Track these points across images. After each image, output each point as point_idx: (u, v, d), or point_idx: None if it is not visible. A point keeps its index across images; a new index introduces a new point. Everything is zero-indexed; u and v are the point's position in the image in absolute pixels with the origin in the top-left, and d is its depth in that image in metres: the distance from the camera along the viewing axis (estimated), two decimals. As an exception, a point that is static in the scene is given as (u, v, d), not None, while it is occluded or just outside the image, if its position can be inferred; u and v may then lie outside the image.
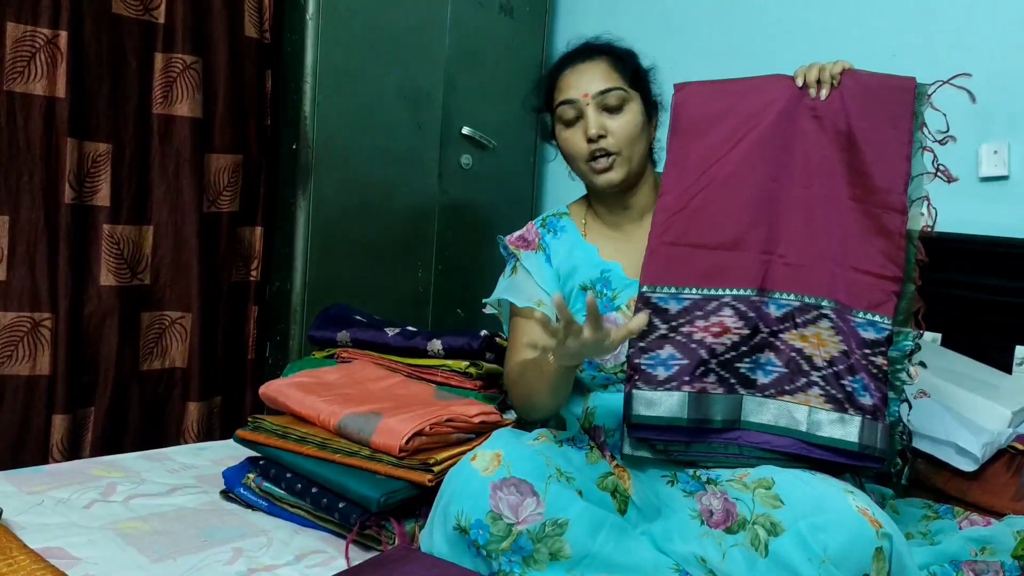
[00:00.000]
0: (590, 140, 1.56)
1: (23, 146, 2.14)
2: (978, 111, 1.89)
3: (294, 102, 2.52)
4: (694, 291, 1.48)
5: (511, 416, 1.77)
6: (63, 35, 2.14)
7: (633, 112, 1.58)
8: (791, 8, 2.55)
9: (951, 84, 1.48)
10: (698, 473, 1.44)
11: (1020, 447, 1.75)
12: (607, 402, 1.57)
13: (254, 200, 2.57)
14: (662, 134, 1.62)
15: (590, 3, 3.08)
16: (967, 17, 2.20)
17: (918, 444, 1.53)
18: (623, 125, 1.57)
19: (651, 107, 1.64)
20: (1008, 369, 2.00)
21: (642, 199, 1.64)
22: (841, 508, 1.25)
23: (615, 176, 1.58)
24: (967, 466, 1.71)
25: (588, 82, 1.57)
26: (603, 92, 1.56)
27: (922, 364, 1.51)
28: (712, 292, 1.48)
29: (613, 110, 1.57)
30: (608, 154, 1.56)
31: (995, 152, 2.13)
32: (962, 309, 2.05)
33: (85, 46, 2.20)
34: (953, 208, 1.58)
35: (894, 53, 2.24)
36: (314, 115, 2.50)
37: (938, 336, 2.06)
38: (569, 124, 1.59)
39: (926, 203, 1.47)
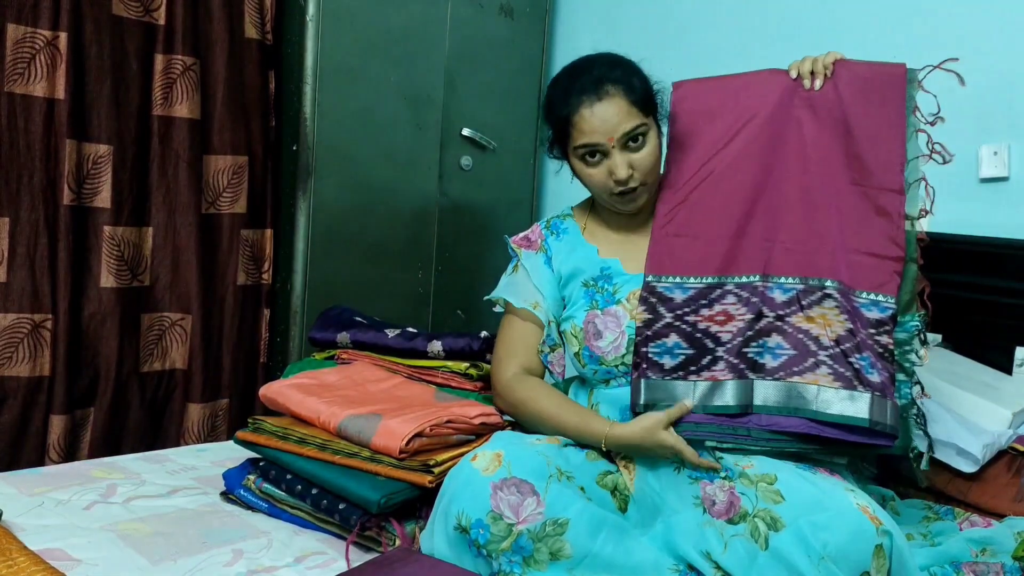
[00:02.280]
0: (617, 181, 1.54)
1: (23, 147, 2.14)
2: (978, 112, 1.90)
3: (294, 103, 2.52)
4: (698, 280, 1.52)
5: (511, 417, 1.77)
6: (63, 36, 2.14)
7: (653, 142, 1.55)
8: (791, 9, 2.55)
9: (942, 68, 1.50)
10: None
11: (1020, 448, 1.75)
12: (610, 397, 1.58)
13: (262, 202, 2.56)
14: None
15: (590, 5, 3.08)
16: (967, 19, 2.20)
17: (918, 446, 1.54)
18: (646, 157, 1.54)
19: (662, 122, 1.63)
20: (1008, 370, 1.99)
21: (647, 206, 1.65)
22: (842, 505, 1.26)
23: (640, 202, 1.59)
24: (967, 467, 1.71)
25: (613, 125, 1.51)
26: (627, 133, 1.52)
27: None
28: (715, 280, 1.52)
29: (636, 147, 1.53)
30: (635, 187, 1.56)
31: (995, 153, 2.13)
32: (962, 310, 2.05)
33: (85, 47, 2.20)
34: (953, 209, 1.59)
35: (894, 56, 2.23)
36: (314, 116, 2.50)
37: (938, 337, 2.06)
38: (592, 164, 1.55)
39: (923, 184, 1.50)
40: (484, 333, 1.90)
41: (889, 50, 2.27)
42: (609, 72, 1.54)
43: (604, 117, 1.51)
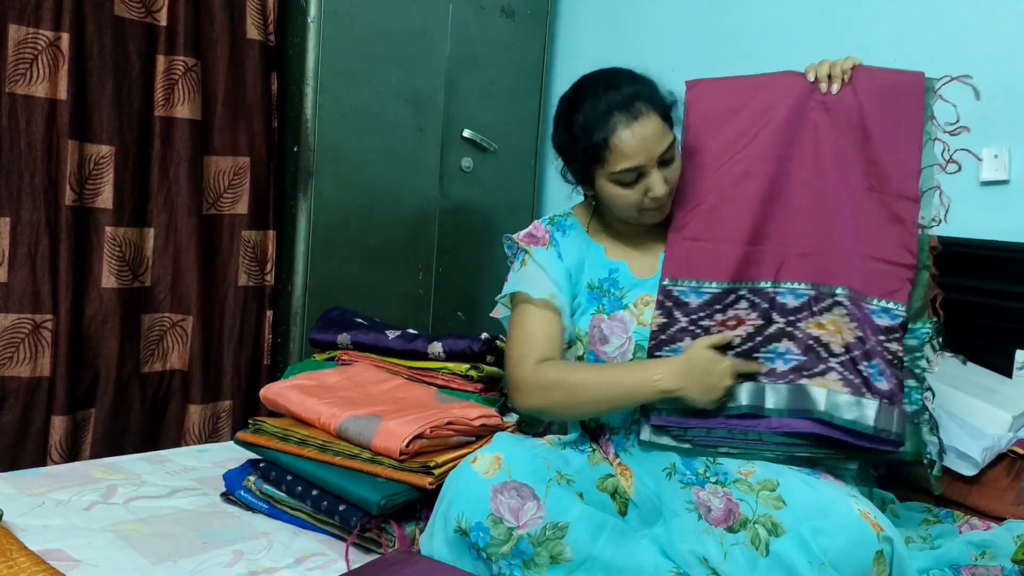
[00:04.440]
0: (654, 199, 1.51)
1: (25, 148, 2.14)
2: (979, 115, 1.89)
3: (295, 104, 2.52)
4: (714, 285, 1.52)
5: (511, 419, 1.77)
6: (65, 37, 2.14)
7: (678, 156, 1.54)
8: (793, 12, 2.55)
9: (960, 80, 1.51)
10: (707, 472, 1.44)
11: (1020, 451, 1.75)
12: None
13: (265, 204, 2.56)
14: None
15: (591, 6, 3.08)
16: (968, 22, 2.20)
17: (931, 452, 1.54)
18: (675, 171, 1.53)
19: (676, 129, 1.60)
20: (1008, 374, 2.00)
21: None
22: (843, 511, 1.26)
23: (663, 216, 1.57)
24: (967, 470, 1.71)
25: (652, 144, 1.47)
26: (664, 152, 1.49)
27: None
28: (730, 285, 1.52)
29: (669, 163, 1.51)
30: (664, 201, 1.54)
31: (996, 156, 2.13)
32: (962, 313, 2.04)
33: (87, 48, 2.20)
34: (954, 212, 1.59)
35: (895, 59, 2.24)
36: (315, 117, 2.50)
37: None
38: (628, 185, 1.50)
39: (938, 192, 1.50)
40: (484, 335, 1.90)
41: (891, 54, 2.29)
42: (640, 88, 1.50)
43: (644, 137, 1.46)
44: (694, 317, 1.50)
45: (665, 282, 1.54)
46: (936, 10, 2.26)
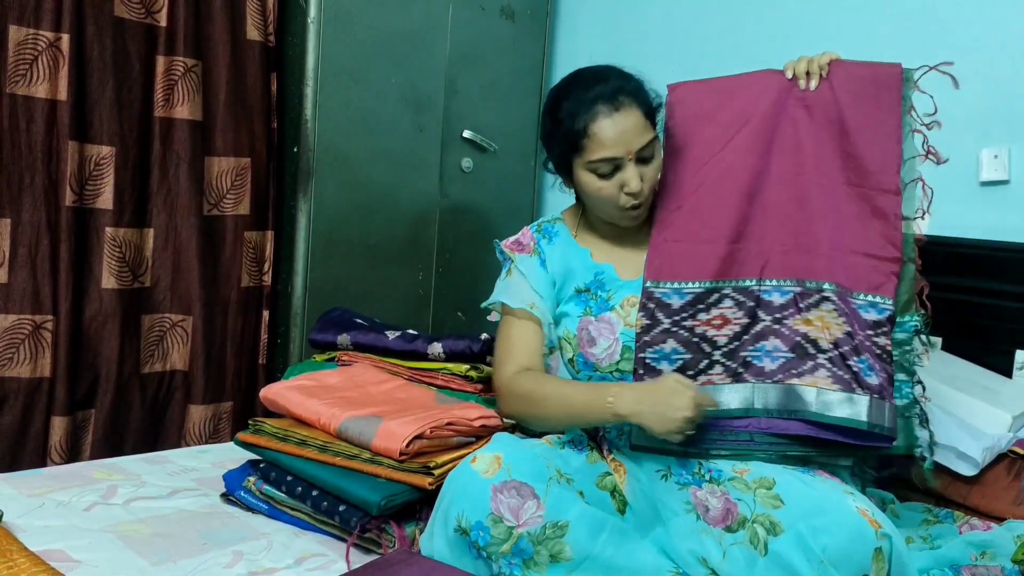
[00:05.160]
0: (630, 194, 1.52)
1: (25, 149, 2.14)
2: (979, 116, 1.90)
3: (295, 105, 2.52)
4: (696, 285, 1.52)
5: (516, 420, 1.77)
6: (65, 38, 2.14)
7: (659, 155, 1.55)
8: (791, 13, 2.55)
9: (937, 70, 1.50)
10: (701, 471, 1.44)
11: (1020, 451, 1.75)
12: None
13: (264, 204, 2.56)
14: None
15: (591, 7, 3.09)
16: (968, 23, 2.20)
17: (922, 445, 1.54)
18: (654, 171, 1.54)
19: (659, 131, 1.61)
20: (1008, 374, 2.00)
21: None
22: (841, 509, 1.26)
23: (642, 215, 1.58)
24: (967, 470, 1.71)
25: (631, 137, 1.48)
26: (644, 147, 1.50)
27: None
28: (712, 285, 1.51)
29: (647, 160, 1.52)
30: (641, 202, 1.55)
31: (995, 156, 2.13)
32: (962, 313, 2.05)
33: (87, 49, 2.20)
34: (953, 212, 1.59)
35: (895, 59, 2.24)
36: (315, 118, 2.50)
37: (938, 340, 2.06)
38: (604, 176, 1.51)
39: (920, 184, 1.49)
40: (484, 335, 1.90)
41: (891, 54, 2.28)
42: (625, 83, 1.52)
43: (624, 129, 1.48)
44: (676, 318, 1.50)
45: (647, 284, 1.53)
46: (936, 10, 2.26)
